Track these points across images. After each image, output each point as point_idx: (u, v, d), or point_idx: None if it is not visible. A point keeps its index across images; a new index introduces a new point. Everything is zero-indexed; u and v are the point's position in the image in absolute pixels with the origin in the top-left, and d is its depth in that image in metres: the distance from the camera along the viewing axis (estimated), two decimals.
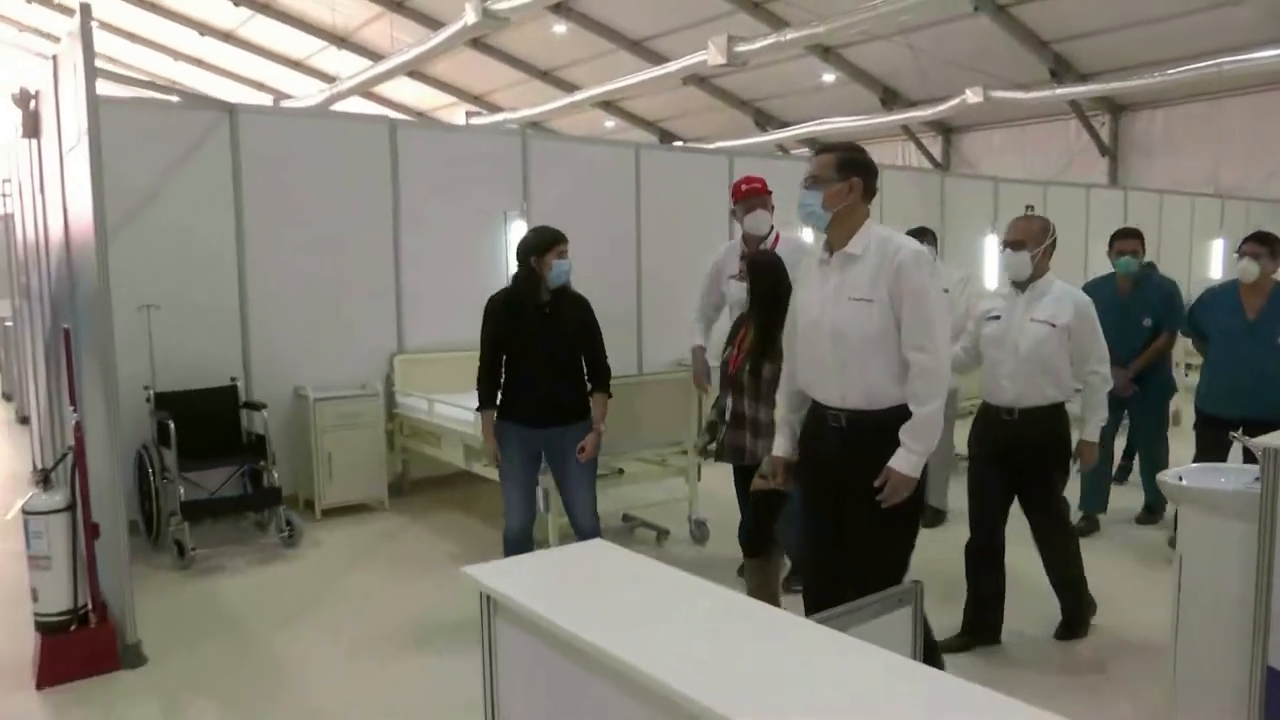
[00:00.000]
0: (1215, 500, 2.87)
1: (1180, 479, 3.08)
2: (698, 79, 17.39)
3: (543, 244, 3.88)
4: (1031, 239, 3.72)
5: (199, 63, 23.27)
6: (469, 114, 18.98)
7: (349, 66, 19.31)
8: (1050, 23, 13.79)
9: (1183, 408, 6.30)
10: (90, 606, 3.72)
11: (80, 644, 3.64)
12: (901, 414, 2.83)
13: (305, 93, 20.57)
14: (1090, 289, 5.35)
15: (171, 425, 4.92)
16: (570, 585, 1.66)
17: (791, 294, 3.22)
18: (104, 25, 21.76)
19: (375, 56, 18.43)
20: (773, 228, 4.53)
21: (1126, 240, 5.31)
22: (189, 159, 5.49)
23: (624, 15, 16.32)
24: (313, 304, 5.92)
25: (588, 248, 6.97)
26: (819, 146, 2.81)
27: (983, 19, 13.39)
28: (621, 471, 4.98)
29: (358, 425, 5.79)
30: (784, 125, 19.05)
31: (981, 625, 3.82)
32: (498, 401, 3.97)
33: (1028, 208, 9.70)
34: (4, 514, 4.53)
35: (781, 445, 3.18)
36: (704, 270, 4.81)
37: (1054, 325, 3.69)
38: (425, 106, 22.82)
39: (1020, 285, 3.79)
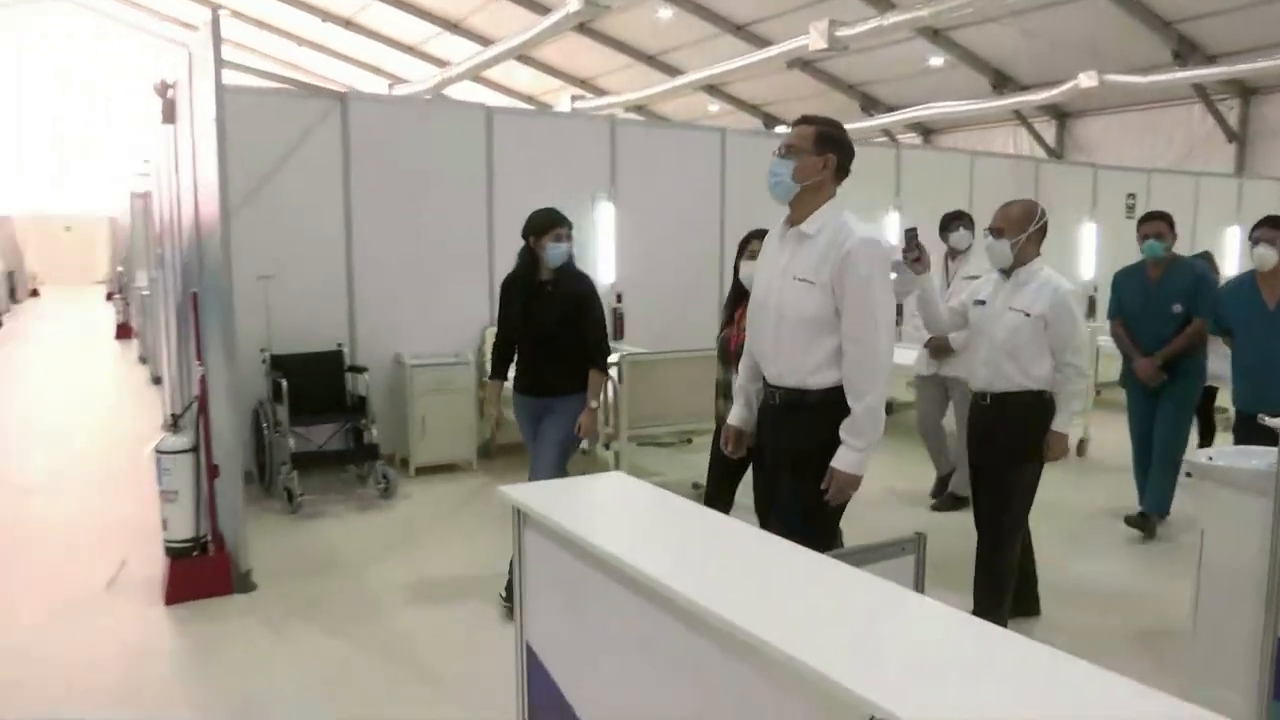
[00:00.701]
0: (1233, 477, 3.01)
1: (1211, 459, 3.21)
2: (802, 63, 17.38)
3: (539, 227, 4.07)
4: (1011, 226, 3.67)
5: (320, 48, 24.55)
6: (574, 98, 19.45)
7: (461, 51, 20.07)
8: (1173, 2, 13.29)
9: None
10: (210, 537, 4.28)
11: (201, 568, 4.21)
12: (831, 399, 2.82)
13: (419, 77, 21.47)
14: (1121, 276, 5.27)
15: (284, 384, 5.52)
16: (586, 504, 2.00)
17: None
18: (234, 13, 23.23)
19: (485, 42, 19.12)
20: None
21: (1151, 223, 5.11)
22: (304, 143, 6.06)
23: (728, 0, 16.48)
24: (412, 278, 6.43)
25: (671, 229, 7.38)
26: (799, 118, 3.09)
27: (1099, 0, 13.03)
28: (690, 440, 5.29)
29: (450, 391, 6.28)
30: (890, 110, 18.86)
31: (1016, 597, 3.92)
32: (509, 373, 4.23)
33: (1129, 196, 9.54)
34: (144, 452, 5.18)
35: (736, 413, 3.25)
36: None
37: (1028, 315, 3.64)
38: (533, 90, 23.47)
39: (1005, 272, 3.76)
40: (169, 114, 5.56)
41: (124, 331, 15.50)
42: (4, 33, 28.68)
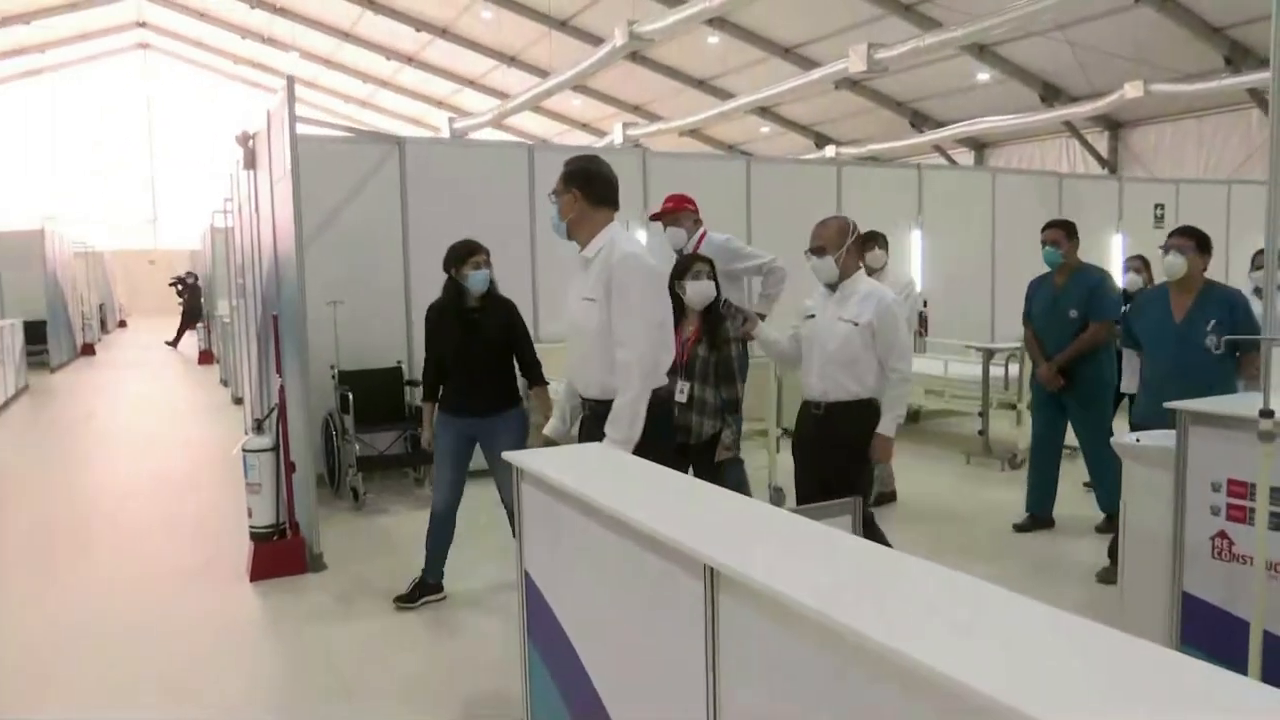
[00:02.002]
0: (1144, 454, 3.54)
1: (1138, 440, 3.73)
2: (850, 82, 17.95)
3: (459, 257, 4.40)
4: (831, 244, 3.87)
5: (384, 83, 25.93)
6: (626, 125, 20.28)
7: (518, 84, 21.12)
8: (1222, 7, 13.42)
9: None
10: (288, 524, 5.08)
11: (280, 550, 5.00)
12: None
13: (479, 109, 22.59)
14: (1033, 284, 5.58)
15: (350, 397, 6.33)
16: (569, 463, 2.65)
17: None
18: (304, 54, 24.74)
19: (541, 73, 20.08)
20: (697, 231, 5.32)
21: (1048, 231, 5.35)
22: (367, 183, 6.91)
23: (775, 24, 17.09)
24: None
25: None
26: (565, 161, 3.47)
27: (1145, 9, 13.28)
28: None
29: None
30: (940, 125, 19.26)
31: None
32: (438, 395, 4.50)
33: (1157, 207, 9.88)
34: (231, 453, 6.02)
35: (551, 425, 3.59)
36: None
37: (857, 324, 3.82)
38: (587, 118, 24.42)
39: (831, 286, 3.95)
40: (249, 161, 6.47)
41: (206, 358, 16.78)
42: (100, 79, 30.88)
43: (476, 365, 4.39)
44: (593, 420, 3.29)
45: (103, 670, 3.93)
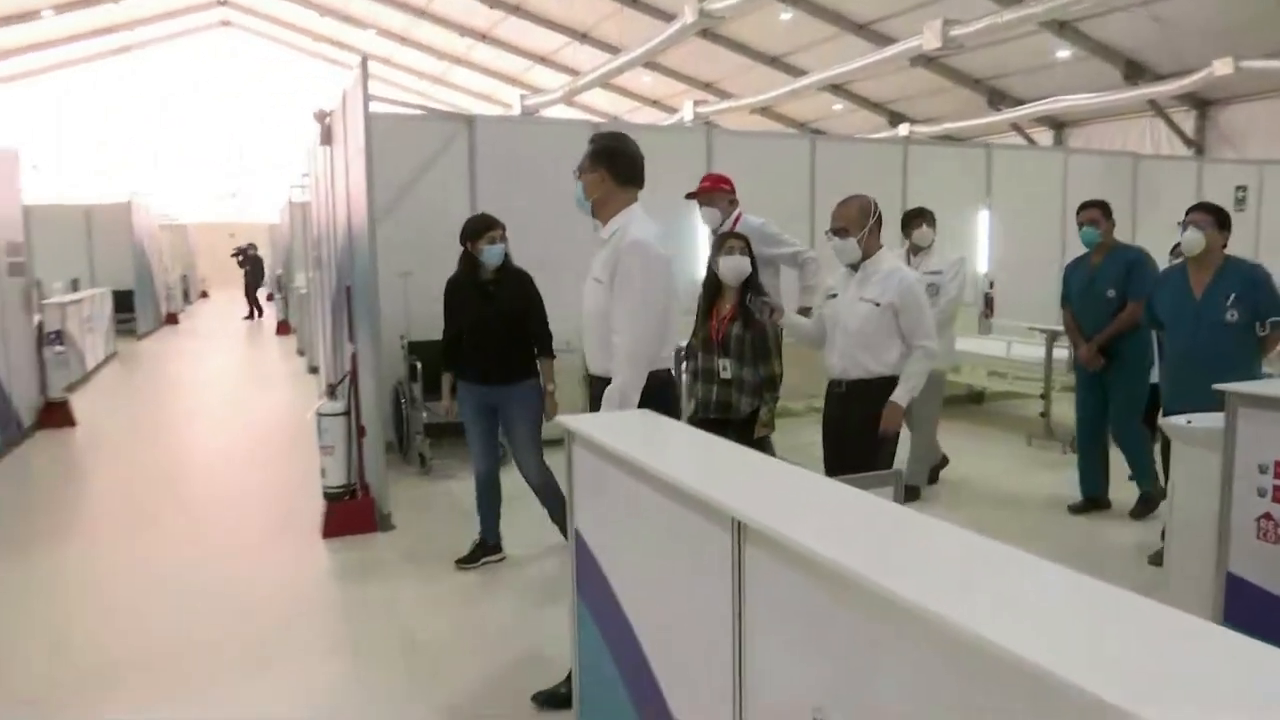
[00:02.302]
0: (1193, 436, 3.57)
1: (1189, 422, 3.76)
2: (925, 59, 17.65)
3: (474, 231, 4.52)
4: (853, 224, 3.89)
5: (457, 60, 26.31)
6: (696, 102, 20.29)
7: (590, 60, 21.26)
8: None
9: None
10: (359, 485, 5.36)
11: (351, 510, 5.29)
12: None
13: (551, 86, 22.81)
14: (1070, 266, 5.54)
15: (419, 366, 6.60)
16: (616, 428, 2.81)
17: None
18: (381, 31, 25.25)
19: (612, 50, 20.17)
20: (733, 212, 5.31)
21: (1085, 211, 5.35)
22: (437, 159, 7.15)
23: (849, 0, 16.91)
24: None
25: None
26: (590, 138, 3.42)
27: None
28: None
29: (561, 375, 7.22)
30: (1019, 103, 18.84)
31: None
32: (458, 365, 4.65)
33: (1239, 189, 9.61)
34: (306, 418, 6.35)
35: None
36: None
37: (878, 304, 3.84)
38: (658, 95, 24.45)
39: (853, 266, 3.98)
40: (326, 138, 6.76)
41: (283, 328, 17.40)
42: (184, 57, 31.92)
43: (492, 337, 4.51)
44: (598, 396, 3.37)
45: (187, 617, 4.26)
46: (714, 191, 5.34)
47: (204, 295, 28.27)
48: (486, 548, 4.77)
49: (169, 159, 31.99)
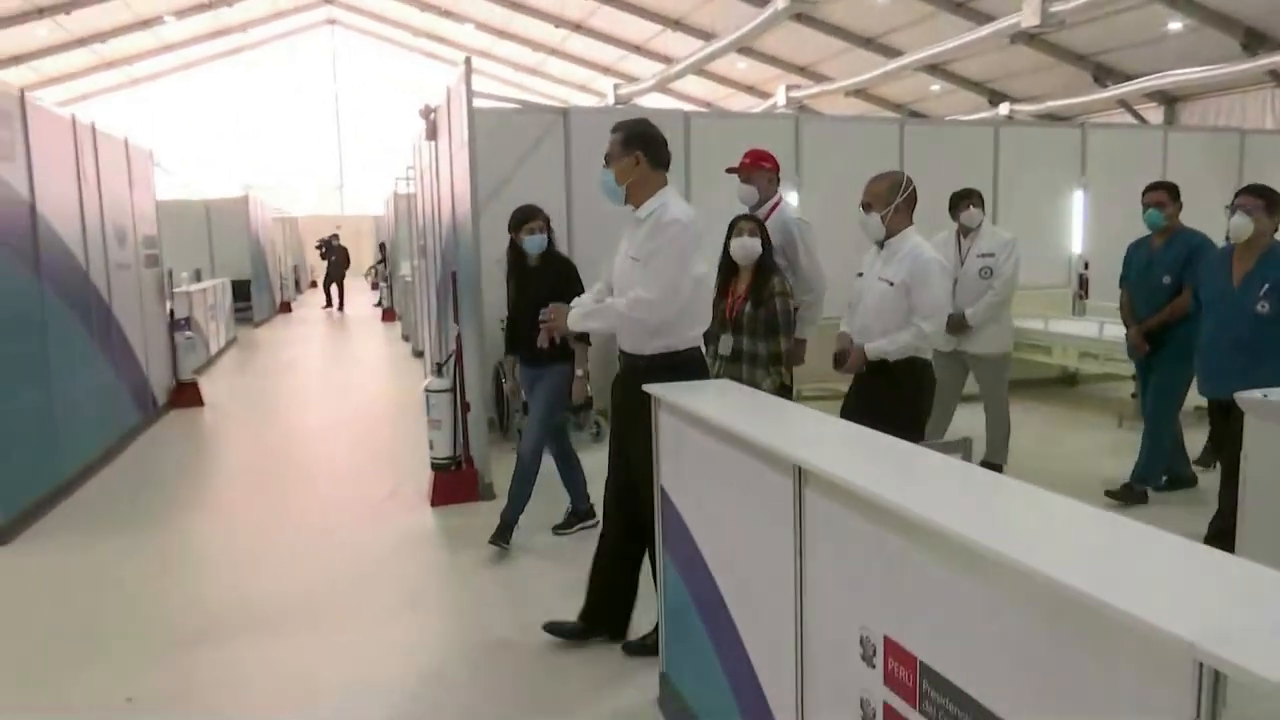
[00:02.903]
0: (1270, 409, 3.66)
1: (1265, 396, 3.84)
2: (1027, 36, 17.30)
3: (514, 222, 4.87)
4: (879, 200, 3.91)
5: (553, 51, 26.86)
6: (789, 87, 20.31)
7: (683, 48, 21.50)
8: None
9: None
10: (463, 457, 5.80)
11: (456, 480, 5.74)
12: (658, 363, 3.35)
13: (644, 74, 23.14)
14: (1132, 246, 5.46)
15: None
16: (699, 395, 3.11)
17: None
18: (479, 26, 25.97)
19: (706, 36, 20.35)
20: (773, 194, 5.05)
21: (1152, 193, 5.24)
22: (535, 150, 7.54)
23: None
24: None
25: (849, 212, 8.26)
26: (613, 126, 3.53)
27: None
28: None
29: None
30: (1126, 79, 18.28)
31: None
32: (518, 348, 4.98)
33: None
34: (416, 393, 6.85)
35: None
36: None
37: (893, 284, 3.89)
38: (752, 80, 24.50)
39: (880, 243, 4.01)
40: (431, 133, 7.22)
41: (388, 315, 18.25)
42: (292, 55, 33.40)
43: (529, 320, 4.65)
44: (624, 372, 3.52)
45: (307, 573, 4.76)
46: (754, 169, 5.07)
47: (314, 285, 29.63)
48: (580, 514, 5.15)
49: (279, 154, 33.56)
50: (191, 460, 7.44)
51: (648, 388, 3.23)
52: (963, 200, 5.88)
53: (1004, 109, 20.02)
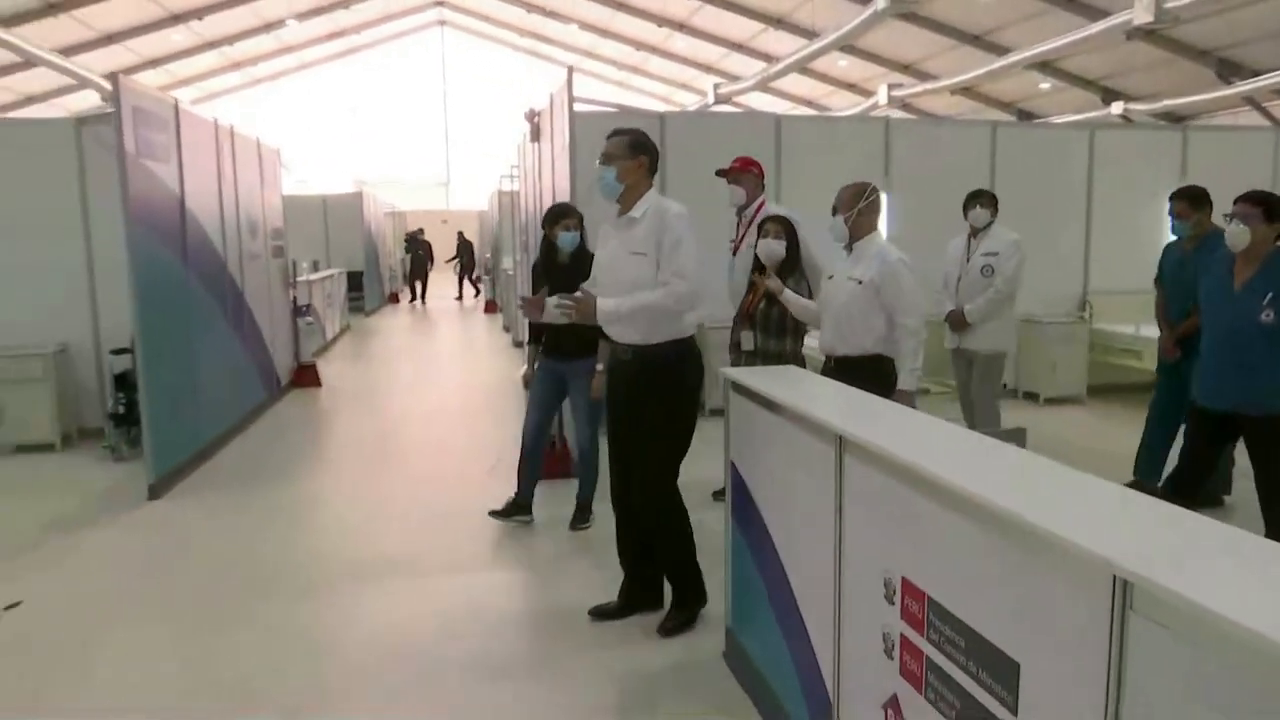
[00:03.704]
0: None
1: None
2: (1143, 32, 16.94)
3: (550, 218, 5.09)
4: (844, 205, 4.23)
5: (655, 49, 27.38)
6: (891, 86, 20.31)
7: (785, 46, 21.71)
8: None
9: None
10: (556, 437, 6.31)
11: (550, 458, 6.24)
12: (672, 349, 3.70)
13: (746, 73, 23.43)
14: (1169, 246, 5.51)
15: None
16: (769, 379, 3.49)
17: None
18: (582, 25, 26.65)
19: (809, 35, 20.50)
20: (759, 196, 5.56)
21: (1176, 202, 5.34)
22: None
23: None
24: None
25: (937, 216, 8.43)
26: (611, 131, 3.84)
27: None
28: (928, 390, 6.51)
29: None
30: (1255, 74, 17.68)
31: None
32: (541, 339, 5.25)
33: None
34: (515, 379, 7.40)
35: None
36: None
37: (861, 282, 4.14)
38: (853, 78, 24.52)
39: (848, 246, 4.29)
40: (535, 135, 7.78)
41: (490, 307, 19.07)
42: (402, 55, 34.81)
43: None
44: (634, 363, 3.78)
45: (412, 533, 5.33)
46: (743, 172, 5.60)
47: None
48: (519, 507, 5.41)
49: (389, 150, 35.09)
50: (311, 434, 8.19)
51: (723, 370, 3.66)
52: (972, 200, 6.09)
53: (1116, 108, 19.60)
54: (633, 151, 3.71)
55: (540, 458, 5.43)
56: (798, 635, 2.96)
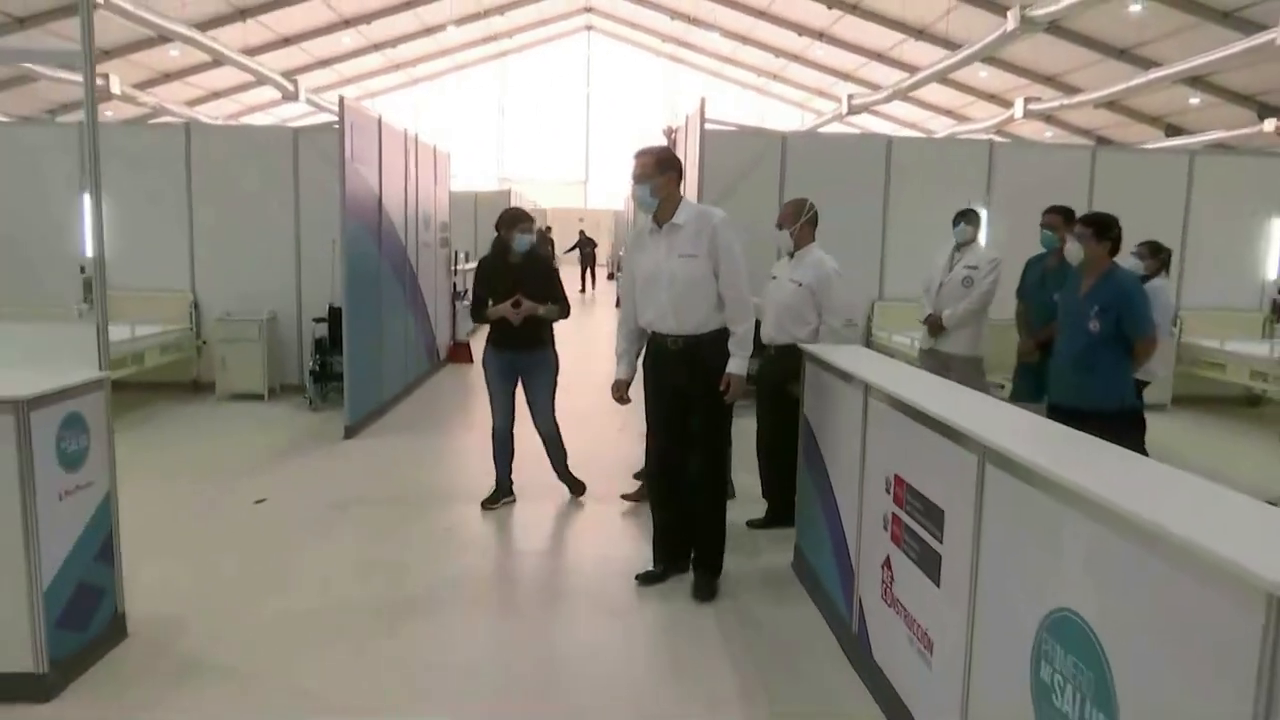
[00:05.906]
0: None
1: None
2: None
3: (509, 222, 5.52)
4: (787, 219, 5.26)
5: (794, 57, 28.39)
6: (1027, 100, 20.74)
7: (924, 56, 22.40)
8: None
9: None
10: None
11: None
12: (720, 335, 4.26)
13: (884, 82, 24.17)
14: (1031, 260, 6.16)
15: None
16: (839, 354, 4.64)
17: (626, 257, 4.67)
18: (724, 33, 27.92)
19: (950, 45, 21.11)
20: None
21: (1047, 215, 5.96)
22: (756, 168, 9.18)
23: None
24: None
25: (1028, 238, 9.16)
26: (638, 150, 4.34)
27: None
28: (1003, 386, 7.48)
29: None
30: None
31: None
32: (484, 316, 5.69)
33: None
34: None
35: (623, 371, 4.66)
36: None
37: (800, 285, 5.13)
38: (993, 89, 24.92)
39: (790, 254, 5.29)
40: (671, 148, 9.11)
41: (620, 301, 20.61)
42: (548, 59, 36.91)
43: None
44: (692, 348, 4.30)
45: (523, 520, 6.71)
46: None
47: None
48: (503, 491, 6.05)
49: (531, 150, 37.29)
50: (465, 398, 9.79)
51: (802, 346, 4.88)
52: (958, 218, 6.60)
53: (1269, 125, 19.50)
54: (661, 168, 4.27)
55: (511, 446, 6.04)
56: (835, 528, 4.21)
